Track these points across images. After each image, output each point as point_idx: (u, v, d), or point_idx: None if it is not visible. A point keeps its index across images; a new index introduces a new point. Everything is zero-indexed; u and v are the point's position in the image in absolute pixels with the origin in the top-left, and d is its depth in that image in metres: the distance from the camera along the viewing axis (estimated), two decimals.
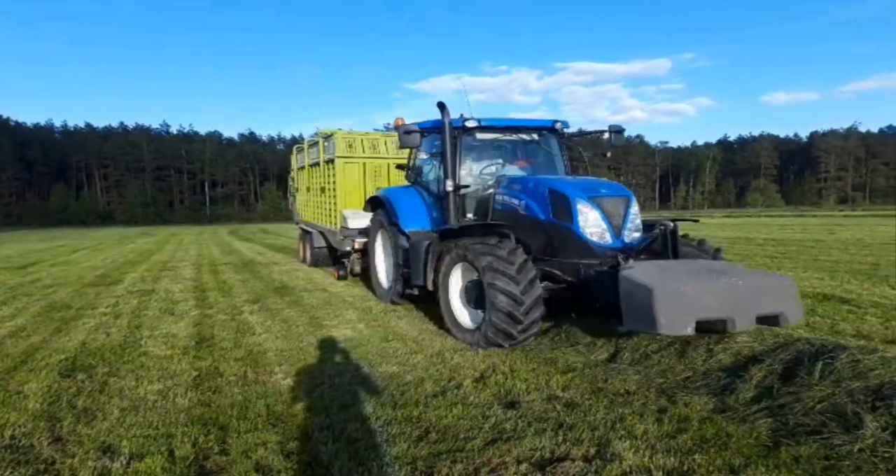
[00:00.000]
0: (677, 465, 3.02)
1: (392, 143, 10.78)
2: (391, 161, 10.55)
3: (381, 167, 10.81)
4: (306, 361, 5.16)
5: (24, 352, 5.59)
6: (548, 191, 5.76)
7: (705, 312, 4.17)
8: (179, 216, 79.58)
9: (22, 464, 3.13)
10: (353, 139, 10.76)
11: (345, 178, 10.49)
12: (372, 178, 10.72)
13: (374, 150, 10.86)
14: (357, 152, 10.65)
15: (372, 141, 10.96)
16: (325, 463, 3.11)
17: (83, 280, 11.41)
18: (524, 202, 5.98)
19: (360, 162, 10.65)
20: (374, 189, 10.03)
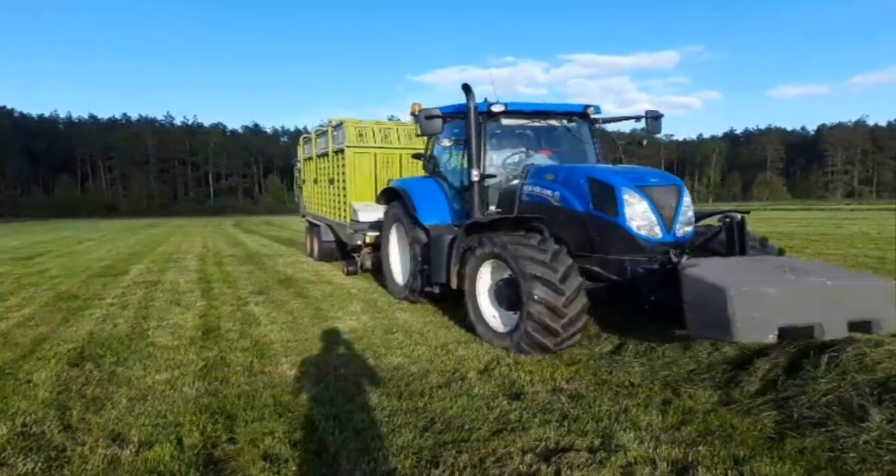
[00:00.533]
0: (681, 456, 3.04)
1: (404, 132, 10.35)
2: (403, 151, 10.08)
3: (393, 158, 10.23)
4: (312, 352, 5.19)
5: (32, 341, 5.64)
6: (587, 180, 5.28)
7: (790, 317, 3.64)
8: (184, 208, 79.80)
9: (34, 451, 3.17)
10: (364, 128, 10.16)
11: (355, 169, 9.92)
12: (383, 169, 10.15)
13: (386, 140, 10.24)
14: (368, 142, 10.06)
15: (383, 130, 10.34)
16: (331, 452, 3.14)
17: (89, 271, 11.48)
18: (558, 193, 5.51)
19: (371, 152, 10.05)
20: (385, 180, 9.62)
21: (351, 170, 9.89)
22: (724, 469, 2.87)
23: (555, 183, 5.63)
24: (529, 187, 5.91)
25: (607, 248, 5.16)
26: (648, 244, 5.02)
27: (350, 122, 10.00)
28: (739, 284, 3.66)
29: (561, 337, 4.67)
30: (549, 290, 4.64)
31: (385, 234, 7.98)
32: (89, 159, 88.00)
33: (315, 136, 12.47)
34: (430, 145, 7.53)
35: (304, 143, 14.04)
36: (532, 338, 4.71)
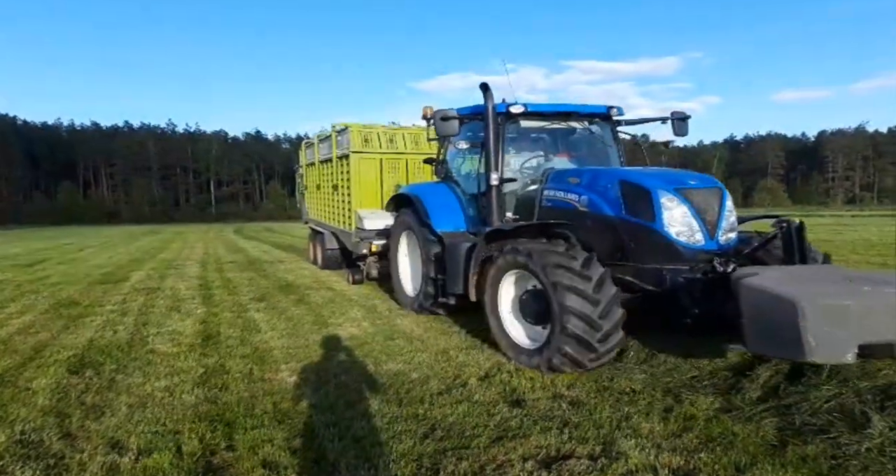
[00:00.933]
0: (683, 463, 3.02)
1: (410, 137, 10.04)
2: (410, 157, 9.83)
3: (400, 163, 9.91)
4: (312, 359, 5.18)
5: (32, 348, 5.64)
6: (619, 183, 4.95)
7: (870, 334, 3.22)
8: (185, 215, 79.86)
9: (32, 458, 3.16)
10: (370, 133, 9.75)
11: (360, 175, 9.57)
12: (389, 175, 9.80)
13: (392, 145, 9.88)
14: (373, 147, 9.68)
15: (389, 135, 9.94)
16: (331, 460, 3.13)
17: (90, 278, 11.48)
18: (585, 197, 5.19)
19: (376, 158, 9.68)
20: (391, 187, 9.46)
21: (356, 176, 9.58)
22: None
23: (580, 187, 5.31)
24: (551, 192, 5.60)
25: (643, 255, 4.81)
26: (689, 252, 4.64)
27: (355, 126, 9.65)
28: (814, 297, 3.22)
29: (598, 352, 4.26)
30: (583, 301, 4.25)
31: (394, 242, 7.71)
32: (91, 166, 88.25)
33: (317, 142, 12.17)
34: (443, 149, 7.27)
35: (307, 148, 13.79)
36: (565, 354, 4.28)
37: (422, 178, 9.32)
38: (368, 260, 9.15)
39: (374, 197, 9.59)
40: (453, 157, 7.20)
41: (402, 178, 9.88)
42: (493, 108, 5.52)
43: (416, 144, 9.94)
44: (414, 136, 10.03)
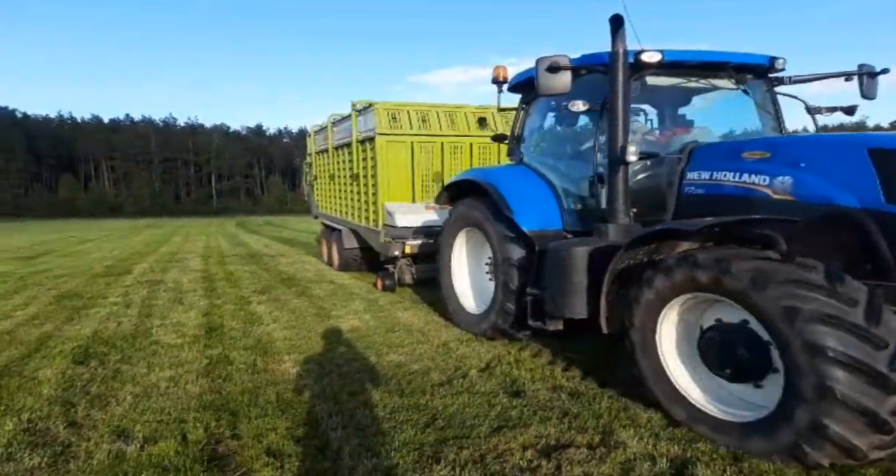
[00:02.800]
0: (680, 452, 3.06)
1: (445, 115, 8.47)
2: (446, 139, 8.37)
3: (434, 146, 8.37)
4: (314, 350, 5.23)
5: (37, 339, 5.70)
6: (871, 154, 3.20)
7: None
8: (186, 208, 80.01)
9: (40, 446, 3.21)
10: (399, 110, 8.22)
11: (387, 162, 8.11)
12: (422, 161, 8.36)
13: (425, 125, 8.28)
14: (403, 127, 8.14)
15: (421, 113, 8.36)
16: (334, 448, 3.18)
17: (93, 270, 11.54)
18: (790, 179, 3.48)
19: (406, 140, 8.18)
20: (424, 175, 8.27)
21: (383, 162, 8.09)
22: (723, 465, 2.89)
23: (773, 164, 3.64)
24: (704, 174, 3.99)
25: None
26: None
27: (381, 104, 8.17)
28: None
29: (888, 431, 2.56)
30: (853, 339, 2.58)
31: (447, 243, 6.15)
32: (92, 160, 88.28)
33: (331, 125, 10.54)
34: (519, 121, 5.68)
35: (317, 133, 12.22)
36: (832, 438, 2.60)
37: (458, 164, 8.29)
38: (400, 263, 7.89)
39: (405, 187, 8.22)
40: (534, 132, 5.62)
41: (437, 165, 8.44)
42: (624, 54, 3.97)
43: (451, 124, 8.41)
44: (449, 113, 8.50)
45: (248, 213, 68.84)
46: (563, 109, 4.99)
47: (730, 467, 2.87)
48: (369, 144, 8.40)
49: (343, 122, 9.80)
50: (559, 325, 4.35)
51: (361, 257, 10.02)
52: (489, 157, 8.58)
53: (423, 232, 7.54)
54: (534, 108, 5.54)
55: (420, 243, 7.59)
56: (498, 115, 8.10)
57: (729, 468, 2.86)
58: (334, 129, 10.39)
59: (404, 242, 7.66)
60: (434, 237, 7.12)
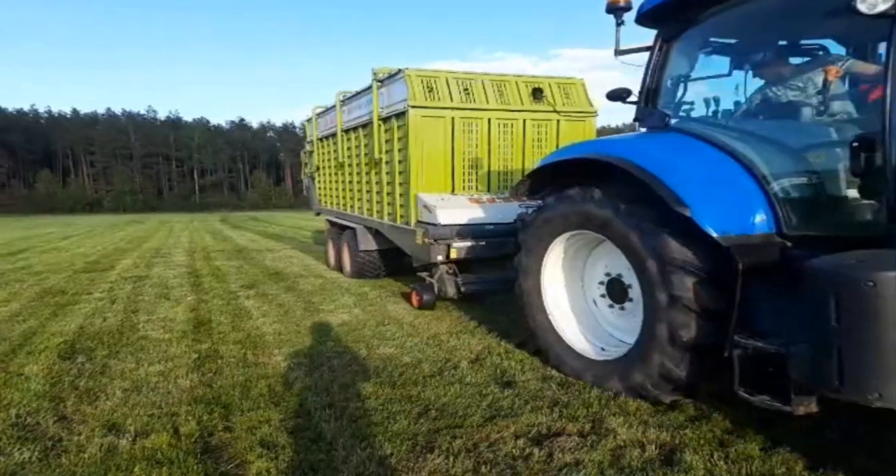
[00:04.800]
0: (669, 439, 3.14)
1: (492, 86, 6.83)
2: (494, 114, 6.79)
3: (479, 124, 6.77)
4: (305, 344, 5.23)
5: (21, 335, 5.61)
6: None
7: None
8: (168, 204, 78.91)
9: (30, 440, 3.18)
10: (435, 79, 6.63)
11: (422, 142, 6.55)
12: (465, 143, 6.75)
13: (468, 97, 6.69)
14: (441, 99, 6.56)
15: (463, 82, 6.76)
16: (328, 439, 3.19)
17: (75, 266, 11.37)
18: None
19: (446, 115, 6.60)
20: (466, 160, 6.77)
21: (416, 143, 6.53)
22: (710, 450, 2.97)
23: None
24: None
25: None
26: None
27: (412, 71, 6.58)
28: None
29: None
30: None
31: (533, 252, 4.37)
32: (71, 154, 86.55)
33: (340, 104, 8.87)
34: (657, 68, 3.89)
35: (319, 116, 10.51)
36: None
37: (508, 146, 6.93)
38: (440, 270, 6.32)
39: (442, 175, 6.73)
40: (687, 80, 3.87)
41: (481, 147, 6.83)
42: None
43: (500, 95, 6.85)
44: (497, 83, 6.89)
45: (233, 209, 68.07)
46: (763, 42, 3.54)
47: (716, 452, 2.95)
48: (396, 121, 6.85)
49: (357, 98, 8.23)
50: (812, 406, 2.70)
51: (380, 262, 8.53)
52: (546, 138, 7.06)
53: (472, 232, 6.11)
54: (687, 45, 3.77)
55: (468, 246, 6.12)
56: (556, 87, 7.03)
57: (716, 453, 2.94)
58: (344, 108, 8.79)
59: (448, 245, 6.09)
60: (484, 238, 6.13)
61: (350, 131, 8.66)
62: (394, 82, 6.89)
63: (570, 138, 6.83)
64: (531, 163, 6.72)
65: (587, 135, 7.13)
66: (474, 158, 6.84)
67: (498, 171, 7.02)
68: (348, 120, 8.67)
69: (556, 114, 7.00)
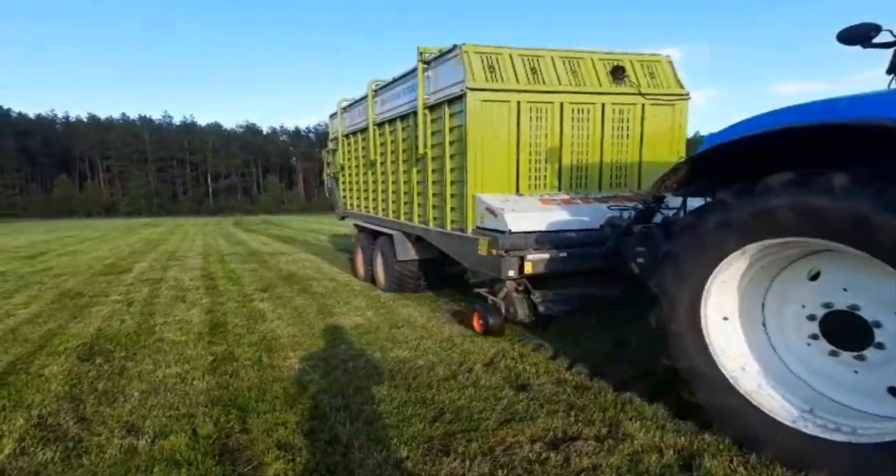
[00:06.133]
0: (687, 444, 3.10)
1: (564, 63, 5.78)
2: (567, 98, 5.73)
3: (550, 110, 5.72)
4: (319, 347, 5.25)
5: (41, 337, 5.70)
6: None
7: None
8: (183, 207, 79.81)
9: (52, 441, 3.23)
10: (497, 56, 5.60)
11: (483, 132, 5.53)
12: (533, 132, 5.70)
13: (536, 77, 5.65)
14: (507, 79, 5.54)
15: (530, 59, 5.70)
16: (344, 442, 3.20)
17: (92, 269, 11.53)
18: None
19: (511, 99, 5.57)
20: (533, 153, 5.74)
21: (475, 133, 5.50)
22: (729, 456, 2.93)
23: None
24: None
25: None
26: None
27: (470, 46, 5.53)
28: None
29: None
30: None
31: (696, 274, 3.08)
32: (87, 159, 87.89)
33: (372, 95, 7.82)
34: None
35: (345, 110, 9.54)
36: None
37: (584, 135, 5.86)
38: (507, 287, 5.26)
39: (506, 170, 5.70)
40: None
41: (552, 136, 5.78)
42: None
43: (574, 76, 5.75)
44: (570, 61, 5.83)
45: (246, 213, 68.69)
46: None
47: (736, 458, 2.91)
48: (449, 109, 5.83)
49: (393, 86, 7.26)
50: None
51: (422, 273, 7.61)
52: (629, 126, 6.00)
53: (550, 241, 5.08)
54: None
55: (547, 258, 5.00)
56: (639, 65, 6.02)
57: (735, 458, 2.90)
58: (376, 99, 7.79)
59: (522, 257, 4.96)
60: (565, 248, 5.04)
61: (384, 124, 7.71)
62: (445, 62, 5.83)
63: (658, 126, 6.06)
64: (611, 156, 6.01)
65: (678, 121, 6.16)
66: (543, 151, 5.78)
67: (571, 166, 5.92)
68: (382, 112, 7.71)
69: (642, 97, 5.94)
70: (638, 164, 6.15)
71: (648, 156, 6.13)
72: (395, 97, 7.20)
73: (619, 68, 5.87)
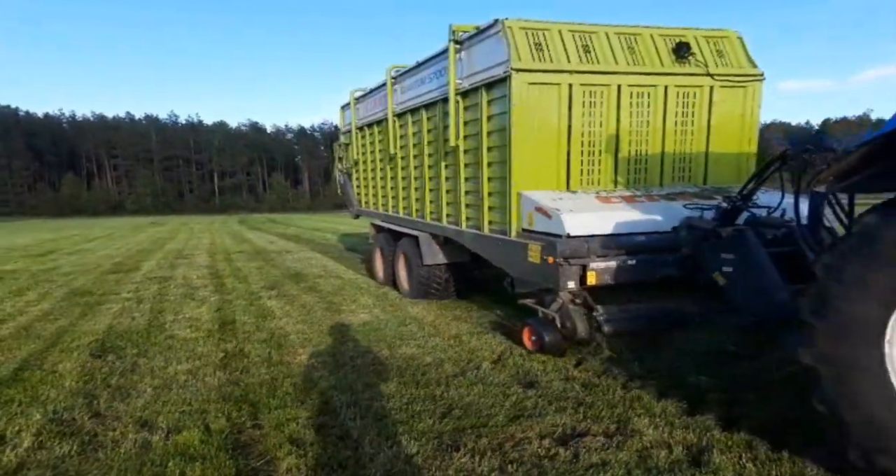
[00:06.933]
0: (696, 440, 3.12)
1: (621, 40, 5.11)
2: (626, 80, 5.05)
3: (607, 94, 5.05)
4: (328, 344, 5.30)
5: (53, 334, 5.77)
6: None
7: None
8: (189, 206, 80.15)
9: (68, 435, 3.29)
10: (545, 32, 4.96)
11: (530, 119, 4.88)
12: (585, 119, 5.04)
13: (589, 57, 4.98)
14: (556, 60, 4.87)
15: (582, 36, 5.03)
16: (354, 437, 3.24)
17: (101, 267, 11.63)
18: None
19: (562, 81, 4.91)
20: (588, 144, 5.08)
21: (521, 121, 4.85)
22: (738, 452, 2.95)
23: None
24: None
25: None
26: None
27: (514, 22, 4.88)
28: None
29: None
30: None
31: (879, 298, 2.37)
32: (95, 158, 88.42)
33: (392, 81, 7.25)
34: None
35: (359, 101, 8.97)
36: None
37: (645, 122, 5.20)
38: (562, 299, 4.51)
39: (555, 164, 5.06)
40: None
41: (609, 124, 5.11)
42: None
43: (632, 54, 5.12)
44: (627, 37, 5.17)
45: (251, 211, 68.89)
46: None
47: (745, 454, 2.93)
48: (487, 93, 5.22)
49: (416, 72, 6.59)
50: None
51: (450, 278, 6.95)
52: (696, 111, 5.33)
53: (616, 245, 4.42)
54: None
55: (614, 266, 4.36)
56: (705, 42, 5.30)
57: (744, 454, 2.92)
58: (396, 87, 7.19)
59: (584, 265, 4.32)
60: (633, 255, 4.39)
61: (406, 114, 7.05)
62: (483, 41, 5.18)
63: (727, 112, 5.35)
64: (673, 146, 5.34)
65: (750, 106, 5.43)
66: (598, 141, 5.13)
67: (628, 159, 5.25)
68: (403, 101, 7.05)
69: (710, 78, 5.23)
70: (704, 155, 5.47)
71: (716, 146, 5.47)
72: (419, 84, 6.54)
73: (683, 45, 5.19)
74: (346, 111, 9.81)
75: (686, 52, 5.17)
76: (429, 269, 6.80)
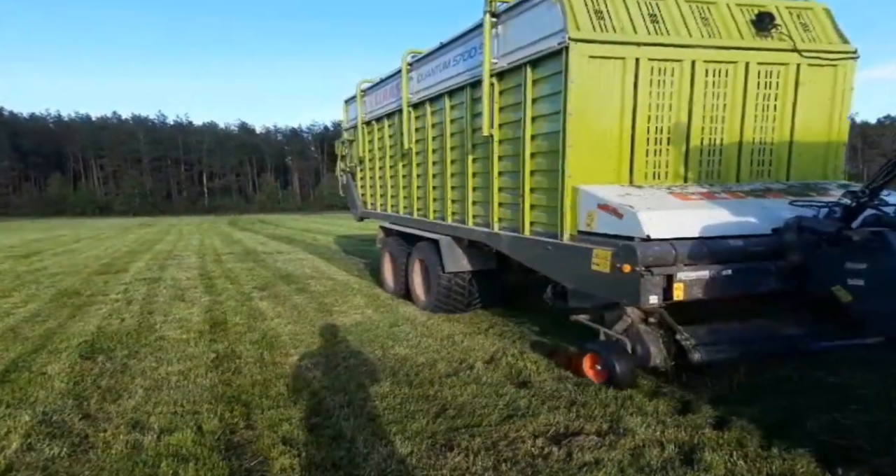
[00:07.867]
0: (688, 438, 3.15)
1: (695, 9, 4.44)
2: (701, 55, 4.33)
3: (679, 71, 4.33)
4: (320, 344, 5.28)
5: (41, 336, 5.70)
6: None
7: None
8: (178, 207, 79.49)
9: (58, 437, 3.25)
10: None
11: (589, 100, 4.16)
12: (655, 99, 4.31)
13: (658, 28, 4.28)
14: (621, 30, 4.18)
15: (649, 4, 4.35)
16: (348, 437, 3.24)
17: (89, 268, 11.50)
18: None
19: (628, 55, 4.19)
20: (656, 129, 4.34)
21: (578, 102, 4.13)
22: (729, 450, 2.98)
23: None
24: None
25: None
26: None
27: None
28: None
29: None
30: None
31: None
32: (81, 158, 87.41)
33: (406, 69, 6.63)
34: None
35: (366, 93, 8.32)
36: None
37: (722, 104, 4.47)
38: (630, 317, 3.88)
39: (616, 153, 4.33)
40: None
41: (680, 106, 4.37)
42: None
43: (706, 25, 4.43)
44: (700, 7, 4.49)
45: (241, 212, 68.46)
46: None
47: (736, 451, 2.96)
48: (532, 72, 4.52)
49: (440, 54, 5.93)
50: None
51: (475, 288, 6.22)
52: (780, 93, 4.62)
53: (707, 251, 3.57)
54: None
55: (706, 277, 3.55)
56: (787, 14, 4.64)
57: (735, 452, 2.95)
58: (412, 74, 6.57)
59: (670, 275, 3.50)
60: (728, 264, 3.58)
61: (424, 104, 6.37)
62: (527, 11, 4.49)
63: (816, 94, 4.66)
64: (752, 134, 4.60)
65: (841, 88, 4.75)
66: (667, 126, 4.37)
67: (700, 149, 4.52)
68: (420, 89, 6.41)
69: (797, 54, 4.52)
70: (787, 145, 4.71)
71: (802, 134, 4.72)
72: (441, 68, 5.87)
73: (766, 14, 4.49)
74: (350, 105, 9.08)
75: (769, 23, 4.46)
76: (451, 277, 6.08)
